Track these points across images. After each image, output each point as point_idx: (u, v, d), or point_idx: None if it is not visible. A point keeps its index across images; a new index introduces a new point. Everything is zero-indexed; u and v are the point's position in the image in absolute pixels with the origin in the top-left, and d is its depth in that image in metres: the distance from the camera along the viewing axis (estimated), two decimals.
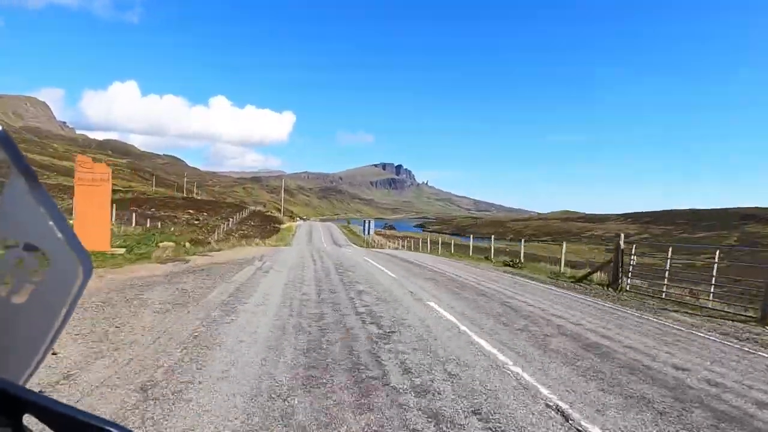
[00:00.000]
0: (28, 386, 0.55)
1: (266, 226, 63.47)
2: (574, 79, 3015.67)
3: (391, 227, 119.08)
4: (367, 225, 62.57)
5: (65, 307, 0.58)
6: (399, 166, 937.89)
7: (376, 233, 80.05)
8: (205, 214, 59.27)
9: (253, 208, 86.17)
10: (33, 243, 0.57)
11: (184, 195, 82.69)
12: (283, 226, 69.76)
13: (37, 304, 0.58)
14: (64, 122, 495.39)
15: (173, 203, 61.61)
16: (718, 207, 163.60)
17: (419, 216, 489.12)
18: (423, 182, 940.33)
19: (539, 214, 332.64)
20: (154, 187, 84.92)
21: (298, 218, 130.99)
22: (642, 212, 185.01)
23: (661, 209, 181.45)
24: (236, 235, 45.82)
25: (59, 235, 0.57)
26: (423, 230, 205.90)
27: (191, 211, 58.68)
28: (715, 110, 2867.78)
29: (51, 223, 0.57)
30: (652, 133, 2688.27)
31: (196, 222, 52.57)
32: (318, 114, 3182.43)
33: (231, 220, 58.13)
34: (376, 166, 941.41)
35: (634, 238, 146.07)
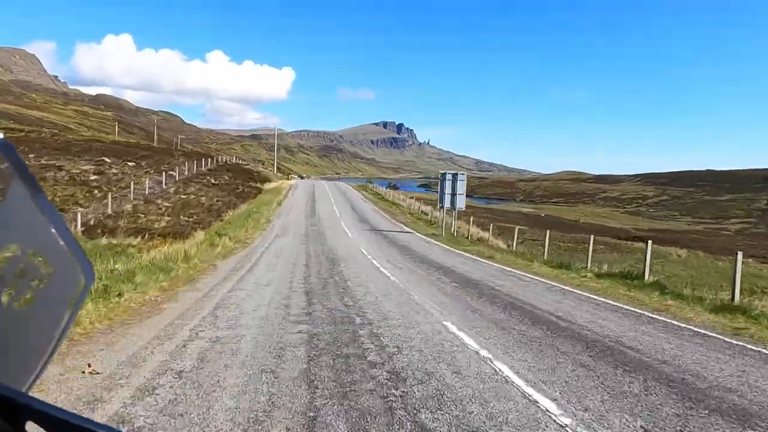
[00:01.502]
0: (30, 393, 0.55)
1: (238, 188, 41.72)
2: (576, 29, 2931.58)
3: (395, 187, 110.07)
4: (449, 187, 25.28)
5: (67, 313, 0.59)
6: (400, 125, 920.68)
7: (399, 194, 61.80)
8: (132, 164, 41.31)
9: (227, 158, 68.32)
10: (34, 250, 0.57)
11: (118, 139, 64.71)
12: (269, 186, 48.51)
13: (39, 311, 0.58)
14: (56, 76, 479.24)
15: (82, 146, 44.85)
16: (741, 168, 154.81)
17: (421, 176, 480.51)
18: (424, 142, 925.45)
19: (543, 174, 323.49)
20: (116, 136, 76.09)
21: (295, 176, 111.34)
22: (658, 173, 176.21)
23: (677, 170, 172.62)
24: (168, 202, 30.39)
25: (61, 241, 0.57)
26: (428, 190, 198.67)
27: (106, 159, 40.64)
28: (717, 65, 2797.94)
29: (52, 229, 0.57)
30: (657, 88, 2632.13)
31: (94, 178, 34.79)
32: (317, 70, 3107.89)
33: (173, 174, 39.66)
34: (377, 124, 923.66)
35: (653, 201, 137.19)
